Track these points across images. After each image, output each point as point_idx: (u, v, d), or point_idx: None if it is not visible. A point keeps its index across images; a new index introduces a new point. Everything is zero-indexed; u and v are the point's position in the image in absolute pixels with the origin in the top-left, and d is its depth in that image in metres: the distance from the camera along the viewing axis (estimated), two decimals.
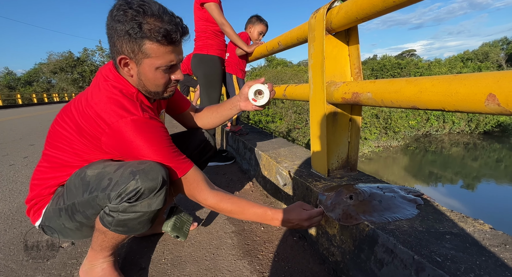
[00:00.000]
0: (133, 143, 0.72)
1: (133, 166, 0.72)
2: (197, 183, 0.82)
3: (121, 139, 0.72)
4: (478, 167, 11.17)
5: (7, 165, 2.48)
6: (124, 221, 0.74)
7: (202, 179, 0.83)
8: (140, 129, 0.72)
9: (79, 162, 0.80)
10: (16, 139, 3.92)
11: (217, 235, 1.15)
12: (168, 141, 0.78)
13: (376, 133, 12.15)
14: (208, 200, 0.83)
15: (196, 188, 0.82)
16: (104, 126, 0.71)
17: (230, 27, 1.98)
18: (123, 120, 0.71)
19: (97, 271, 0.86)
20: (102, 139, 0.73)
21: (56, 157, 0.81)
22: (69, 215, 0.78)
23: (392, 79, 0.83)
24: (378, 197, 0.89)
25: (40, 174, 0.84)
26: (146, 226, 0.78)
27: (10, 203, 1.61)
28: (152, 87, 0.80)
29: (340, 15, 0.96)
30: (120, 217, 0.73)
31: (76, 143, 0.77)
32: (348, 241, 0.85)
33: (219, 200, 0.83)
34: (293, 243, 1.07)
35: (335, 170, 1.21)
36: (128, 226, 0.75)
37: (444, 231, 0.72)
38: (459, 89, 0.61)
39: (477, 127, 14.26)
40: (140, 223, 0.75)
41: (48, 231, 0.84)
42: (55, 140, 0.80)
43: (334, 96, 1.06)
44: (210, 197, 0.82)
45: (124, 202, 0.71)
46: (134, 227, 0.76)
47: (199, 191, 0.82)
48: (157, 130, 0.76)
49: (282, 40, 1.54)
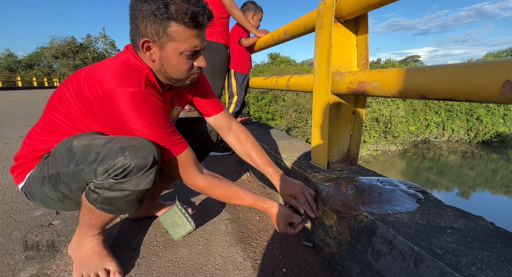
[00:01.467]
0: (126, 115, 0.68)
1: (123, 141, 0.68)
2: (188, 166, 0.80)
3: (113, 108, 0.68)
4: (474, 176, 11.20)
5: (2, 143, 2.45)
6: (110, 199, 0.70)
7: (193, 162, 0.81)
8: (136, 102, 0.68)
9: (71, 129, 0.76)
10: (13, 119, 3.88)
11: (212, 221, 1.13)
12: (164, 120, 0.74)
13: (375, 137, 12.14)
14: (197, 184, 0.82)
15: (186, 170, 0.80)
16: (99, 91, 0.68)
17: (239, 10, 1.94)
18: (120, 89, 0.67)
19: (85, 249, 0.83)
20: (96, 105, 0.69)
21: (52, 119, 0.77)
22: (52, 185, 0.75)
23: (401, 68, 0.80)
24: (378, 189, 0.87)
25: (33, 134, 0.81)
26: (133, 206, 0.74)
27: (2, 179, 1.58)
28: (174, 73, 0.77)
29: (351, 0, 0.93)
30: (106, 195, 0.69)
31: (73, 107, 0.73)
32: (345, 232, 0.83)
33: (208, 185, 0.83)
34: None
35: (335, 162, 1.19)
36: (114, 204, 0.71)
37: (445, 225, 0.70)
38: (472, 76, 0.59)
39: (476, 137, 14.29)
40: (128, 202, 0.72)
41: (30, 197, 0.82)
42: (56, 100, 0.77)
43: (339, 86, 1.03)
44: (199, 181, 0.82)
45: (110, 179, 0.67)
46: (121, 207, 0.73)
47: (188, 174, 0.80)
48: (155, 107, 0.72)
49: (289, 29, 1.51)
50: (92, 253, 0.83)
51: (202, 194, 1.41)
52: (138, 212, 1.13)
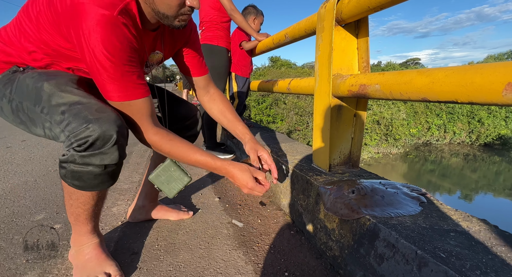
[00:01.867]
0: (89, 36, 0.61)
1: (89, 110, 0.65)
2: (142, 115, 0.73)
3: (78, 25, 0.61)
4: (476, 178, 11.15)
5: (4, 147, 2.46)
6: (78, 173, 0.68)
7: (149, 114, 0.74)
8: (103, 25, 0.61)
9: (37, 41, 0.70)
10: None
11: (213, 225, 1.12)
12: (128, 56, 0.67)
13: (376, 140, 12.12)
14: (149, 136, 0.75)
15: (139, 120, 0.73)
16: (68, 1, 0.62)
17: (240, 14, 1.95)
18: (90, 6, 0.60)
19: (83, 254, 0.82)
20: (61, 16, 0.63)
21: (21, 24, 0.71)
22: (12, 107, 0.72)
23: (402, 71, 0.80)
24: (380, 192, 0.87)
25: (3, 33, 0.75)
26: (106, 182, 0.72)
27: (4, 183, 1.58)
28: (163, 6, 0.69)
29: (352, 4, 0.93)
30: (72, 168, 0.67)
31: (42, 16, 0.67)
32: (348, 236, 0.82)
33: (160, 138, 0.75)
34: (290, 236, 1.04)
35: (337, 165, 1.19)
36: (83, 179, 0.69)
37: (449, 228, 0.70)
38: (474, 79, 0.59)
39: (478, 139, 14.23)
40: (97, 177, 0.69)
41: None
42: (30, 5, 0.71)
43: (340, 89, 1.03)
44: (151, 133, 0.74)
45: (73, 151, 0.65)
46: (92, 182, 0.70)
47: (141, 124, 0.73)
48: (123, 39, 0.64)
49: (290, 32, 1.52)
50: (90, 257, 0.81)
51: (203, 197, 1.41)
52: (139, 215, 1.13)
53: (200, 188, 1.55)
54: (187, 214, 1.18)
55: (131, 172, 1.83)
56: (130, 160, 2.12)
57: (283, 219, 1.18)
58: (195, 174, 1.80)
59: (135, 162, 2.06)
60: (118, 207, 1.28)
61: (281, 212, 1.25)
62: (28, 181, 1.62)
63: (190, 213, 1.19)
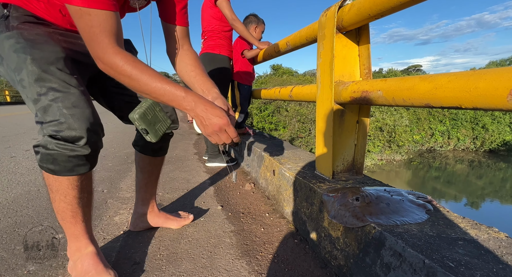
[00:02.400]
0: None
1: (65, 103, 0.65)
2: (102, 30, 0.61)
3: None
4: (482, 185, 10.99)
5: (8, 157, 2.47)
6: (52, 156, 0.67)
7: (113, 31, 0.63)
8: None
9: None
10: (20, 133, 3.93)
11: (216, 233, 1.11)
12: None
13: (379, 146, 12.05)
14: (106, 57, 0.62)
15: (98, 35, 0.61)
16: None
17: (241, 24, 1.98)
18: None
19: (80, 266, 0.80)
20: None
21: None
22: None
23: (405, 77, 0.80)
24: (385, 200, 0.85)
25: None
26: (81, 165, 0.71)
27: (7, 192, 1.58)
28: None
29: (352, 12, 0.94)
30: (45, 151, 0.67)
31: None
32: (353, 244, 0.80)
33: (121, 59, 0.63)
34: (294, 245, 1.02)
35: (340, 172, 1.18)
36: (58, 162, 0.68)
37: (457, 236, 0.68)
38: (478, 84, 0.58)
39: (483, 145, 14.09)
40: (71, 159, 0.68)
41: None
42: None
43: (343, 95, 1.03)
44: (110, 53, 0.62)
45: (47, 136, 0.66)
46: (66, 165, 0.69)
47: (99, 41, 0.62)
48: None
49: (291, 40, 1.53)
50: (87, 269, 0.79)
51: (205, 206, 1.40)
52: (140, 223, 1.12)
53: (202, 196, 1.54)
54: (187, 219, 1.16)
55: (133, 180, 1.83)
56: (132, 168, 2.12)
57: (287, 227, 1.17)
58: (197, 182, 1.79)
59: None
60: (120, 216, 1.28)
61: (284, 220, 1.23)
62: (31, 191, 1.62)
63: (190, 216, 1.17)
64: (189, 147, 2.97)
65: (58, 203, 0.75)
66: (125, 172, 2.02)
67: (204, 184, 1.75)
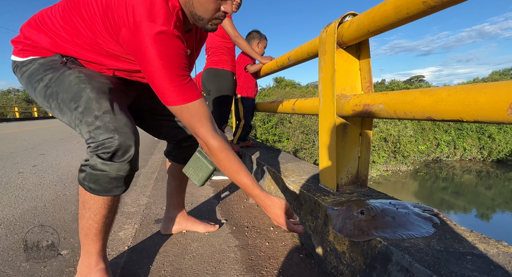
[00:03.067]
0: (147, 50, 0.68)
1: (118, 123, 0.74)
2: (200, 117, 0.76)
3: (138, 40, 0.68)
4: (492, 196, 10.74)
5: (16, 172, 2.50)
6: (96, 176, 0.75)
7: (207, 117, 0.78)
8: (160, 41, 0.69)
9: (91, 40, 0.77)
10: (27, 148, 3.99)
11: (220, 248, 1.10)
12: (181, 63, 0.73)
13: (384, 157, 11.94)
14: (208, 140, 0.77)
15: (198, 121, 0.76)
16: (131, 19, 0.68)
17: (243, 40, 2.03)
18: (151, 24, 0.67)
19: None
20: (122, 30, 0.70)
21: (73, 21, 0.76)
22: (46, 93, 0.78)
23: (405, 90, 0.81)
24: (391, 213, 0.85)
25: (49, 23, 0.78)
26: (119, 187, 0.78)
27: (14, 209, 1.60)
28: (200, 9, 0.76)
29: (352, 28, 0.97)
30: (91, 171, 0.75)
31: (97, 20, 0.74)
32: (359, 259, 0.79)
33: (219, 147, 0.77)
34: (299, 260, 1.01)
35: (345, 185, 1.17)
36: (99, 182, 0.75)
37: (465, 251, 0.67)
38: (478, 98, 0.59)
39: (490, 155, 13.88)
40: (112, 181, 0.76)
41: (18, 72, 0.83)
42: (81, 5, 0.76)
43: (345, 108, 1.04)
44: (210, 138, 0.77)
45: (96, 155, 0.73)
46: (107, 186, 0.76)
47: (200, 126, 0.77)
48: (177, 50, 0.71)
49: (293, 55, 1.57)
50: None
51: (210, 220, 1.39)
52: (171, 226, 1.21)
53: (206, 210, 1.53)
54: (213, 227, 1.26)
55: (138, 194, 1.83)
56: (137, 182, 2.13)
57: (292, 241, 1.15)
58: (202, 195, 1.79)
59: (142, 184, 2.07)
60: (125, 231, 1.27)
61: (289, 234, 1.22)
62: (38, 206, 1.63)
63: (216, 226, 1.27)
64: None
65: (87, 220, 0.80)
66: (130, 186, 2.03)
67: (208, 197, 1.75)
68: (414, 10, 0.75)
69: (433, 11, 0.72)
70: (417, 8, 0.74)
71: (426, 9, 0.72)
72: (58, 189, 2.01)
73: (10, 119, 16.73)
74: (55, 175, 2.43)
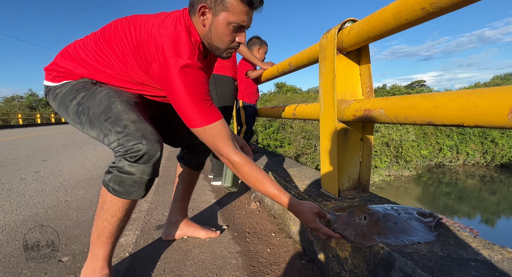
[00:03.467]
0: (175, 81, 0.77)
1: (145, 131, 0.81)
2: (221, 136, 0.82)
3: (166, 73, 0.77)
4: (497, 201, 10.62)
5: (18, 179, 2.51)
6: (121, 178, 0.80)
7: (228, 135, 0.84)
8: (186, 73, 0.77)
9: (122, 72, 0.85)
10: (30, 155, 4.01)
11: (221, 254, 1.09)
12: (204, 89, 0.81)
13: (386, 162, 11.88)
14: (231, 157, 0.83)
15: (219, 140, 0.82)
16: (161, 56, 0.77)
17: (244, 46, 2.05)
18: (178, 60, 0.76)
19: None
20: (153, 65, 0.79)
21: (105, 55, 0.85)
22: (78, 109, 0.85)
23: (406, 95, 0.81)
24: (393, 218, 0.84)
25: (82, 54, 0.87)
26: (139, 191, 0.83)
27: (16, 215, 1.60)
28: (217, 41, 0.85)
29: (352, 34, 0.98)
30: (117, 173, 0.80)
31: (129, 55, 0.83)
32: (361, 265, 0.78)
33: (242, 162, 0.83)
34: (301, 266, 1.00)
35: (346, 190, 1.17)
36: (123, 185, 0.80)
37: (468, 257, 0.66)
38: (478, 103, 0.59)
39: (493, 160, 13.78)
40: (135, 184, 0.81)
41: (51, 95, 0.91)
42: (113, 40, 0.84)
43: (345, 113, 1.04)
44: (233, 155, 0.82)
45: (124, 159, 0.79)
46: (129, 189, 0.81)
47: (222, 145, 0.82)
48: (199, 78, 0.80)
49: (293, 61, 1.58)
50: None
51: (211, 226, 1.39)
52: (172, 231, 1.22)
53: (207, 216, 1.53)
54: (215, 233, 1.26)
55: (139, 200, 1.83)
56: None
57: (293, 247, 1.14)
58: (203, 201, 1.79)
59: None
60: (126, 237, 1.27)
61: (291, 240, 1.21)
62: (39, 213, 1.63)
63: (217, 232, 1.27)
64: None
65: (102, 221, 0.84)
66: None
67: (209, 203, 1.74)
68: (413, 16, 0.76)
69: (432, 17, 0.73)
70: (416, 15, 0.75)
71: (425, 15, 0.73)
72: (60, 195, 2.01)
73: (13, 125, 16.86)
74: (57, 181, 2.43)
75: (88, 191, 2.07)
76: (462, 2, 0.65)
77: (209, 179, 2.40)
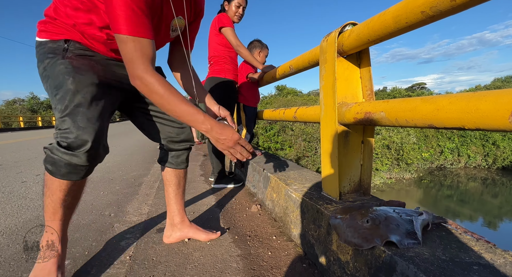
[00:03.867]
0: None
1: (82, 117, 0.80)
2: (143, 54, 0.74)
3: None
4: (499, 204, 10.57)
5: (20, 182, 2.51)
6: (53, 159, 0.82)
7: (151, 59, 0.77)
8: None
9: None
10: (31, 158, 4.02)
11: (222, 258, 1.09)
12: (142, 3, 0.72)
13: (387, 165, 11.85)
14: (145, 76, 0.75)
15: (139, 57, 0.74)
16: None
17: (245, 49, 2.06)
18: None
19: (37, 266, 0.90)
20: None
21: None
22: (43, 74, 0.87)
23: (406, 98, 0.81)
24: (395, 221, 0.84)
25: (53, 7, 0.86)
26: (72, 173, 0.84)
27: (17, 218, 1.60)
28: None
29: (352, 37, 0.98)
30: (49, 154, 0.83)
31: None
32: (363, 269, 0.78)
33: (156, 80, 0.75)
34: (302, 270, 0.99)
35: (347, 193, 1.16)
36: (56, 165, 0.82)
37: (471, 261, 0.66)
38: (479, 105, 0.59)
39: (495, 162, 13.73)
40: (66, 166, 0.82)
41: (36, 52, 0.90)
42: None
43: (346, 116, 1.05)
44: (149, 75, 0.75)
45: (56, 143, 0.81)
46: (61, 170, 0.82)
47: (140, 63, 0.74)
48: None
49: (294, 63, 1.58)
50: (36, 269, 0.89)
51: (212, 229, 1.38)
52: (173, 233, 1.22)
53: (208, 219, 1.52)
54: (215, 234, 1.26)
55: (140, 203, 1.83)
56: (139, 191, 2.13)
57: (294, 250, 1.14)
58: (204, 204, 1.78)
59: (144, 193, 2.07)
60: (127, 240, 1.27)
61: (292, 243, 1.20)
62: (40, 216, 1.63)
63: (217, 233, 1.27)
64: (195, 169, 2.97)
65: (46, 197, 0.88)
66: (132, 195, 2.03)
67: (210, 206, 1.74)
68: (413, 19, 0.76)
69: (432, 20, 0.73)
70: (416, 18, 0.75)
71: (425, 19, 0.73)
72: None
73: (14, 128, 16.90)
74: None
75: (88, 194, 2.07)
76: (462, 6, 0.65)
77: (210, 181, 2.40)
